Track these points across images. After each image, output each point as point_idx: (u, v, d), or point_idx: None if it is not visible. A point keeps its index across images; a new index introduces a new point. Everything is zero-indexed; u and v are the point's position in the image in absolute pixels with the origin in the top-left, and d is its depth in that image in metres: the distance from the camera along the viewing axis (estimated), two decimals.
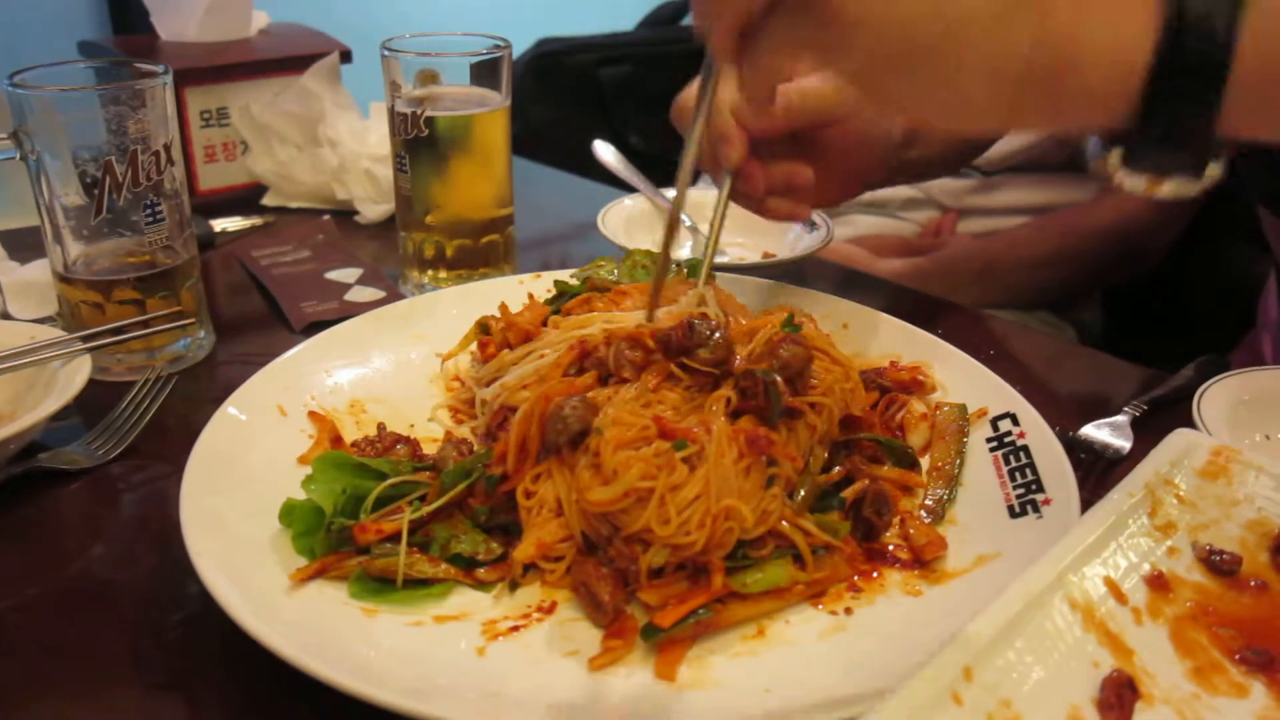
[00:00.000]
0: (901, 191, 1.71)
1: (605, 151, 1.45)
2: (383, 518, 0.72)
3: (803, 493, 0.75)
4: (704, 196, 1.38)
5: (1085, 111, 0.62)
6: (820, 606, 0.70)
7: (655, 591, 0.68)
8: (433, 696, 0.59)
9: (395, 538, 0.71)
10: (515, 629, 0.67)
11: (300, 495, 0.72)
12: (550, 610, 0.69)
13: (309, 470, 0.75)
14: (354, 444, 0.84)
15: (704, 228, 1.31)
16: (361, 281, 1.23)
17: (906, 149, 1.10)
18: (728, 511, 0.68)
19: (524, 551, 0.71)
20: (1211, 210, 1.61)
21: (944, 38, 0.60)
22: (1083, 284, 1.66)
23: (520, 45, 2.53)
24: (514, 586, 0.71)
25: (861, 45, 0.62)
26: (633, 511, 0.69)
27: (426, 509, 0.73)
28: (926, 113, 0.67)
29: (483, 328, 0.96)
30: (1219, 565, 0.65)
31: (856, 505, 0.75)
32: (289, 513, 0.72)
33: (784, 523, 0.71)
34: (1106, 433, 0.89)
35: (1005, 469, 0.79)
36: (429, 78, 1.11)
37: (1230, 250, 1.64)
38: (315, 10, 1.88)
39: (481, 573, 0.71)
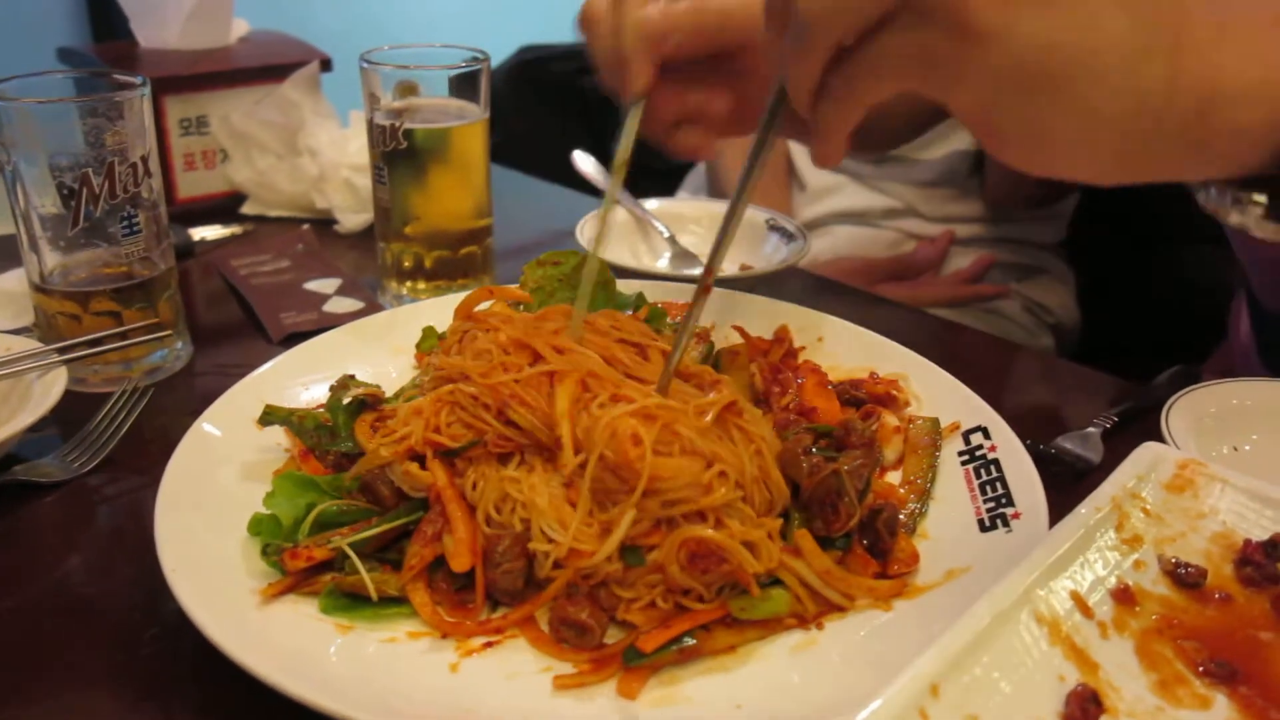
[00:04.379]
0: (880, 201, 1.72)
1: (584, 162, 1.46)
2: (323, 541, 0.71)
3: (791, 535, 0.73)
4: (682, 207, 1.39)
5: (1229, 157, 0.57)
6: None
7: (642, 612, 0.68)
8: (406, 714, 0.59)
9: (330, 564, 0.70)
10: (489, 645, 0.67)
11: None
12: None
13: None
14: (323, 457, 0.83)
15: (685, 239, 1.32)
16: (340, 292, 1.23)
17: None
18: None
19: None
20: (1189, 218, 1.63)
21: (1081, 66, 0.53)
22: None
23: (502, 53, 2.53)
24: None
25: (988, 66, 0.54)
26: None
27: (348, 539, 0.71)
28: (1045, 156, 0.58)
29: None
30: (1184, 578, 0.65)
31: (871, 519, 0.75)
32: (257, 524, 0.72)
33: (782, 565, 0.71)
34: (1076, 445, 0.90)
35: (976, 483, 0.80)
36: (408, 89, 1.12)
37: (1207, 258, 1.66)
38: (295, 19, 1.88)
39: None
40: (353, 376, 0.89)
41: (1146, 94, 0.54)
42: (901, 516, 0.79)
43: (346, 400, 0.84)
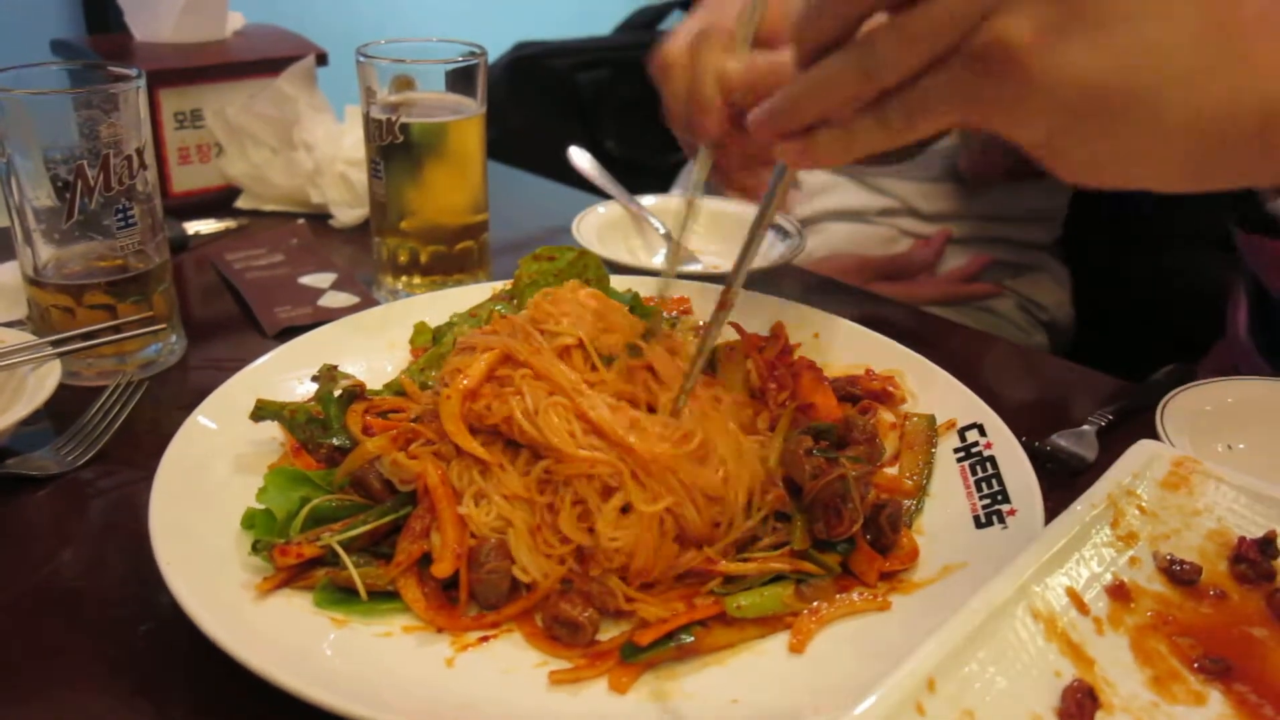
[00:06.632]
0: (876, 200, 1.72)
1: (580, 158, 1.45)
2: (314, 538, 0.71)
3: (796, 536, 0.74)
4: (678, 204, 1.39)
5: None
6: None
7: (648, 606, 0.68)
8: (401, 709, 0.59)
9: (324, 558, 0.70)
10: (484, 640, 0.67)
11: None
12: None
13: None
14: (315, 451, 0.83)
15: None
16: (335, 287, 1.23)
17: None
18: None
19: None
20: (1182, 217, 1.63)
21: (1140, 93, 0.54)
22: None
23: (498, 48, 2.53)
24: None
25: (1046, 105, 0.54)
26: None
27: (337, 536, 0.71)
28: (1109, 175, 0.58)
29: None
30: (1179, 575, 0.66)
31: (874, 513, 0.75)
32: (250, 519, 0.72)
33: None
34: (1072, 443, 0.91)
35: (972, 479, 0.80)
36: (404, 84, 1.11)
37: (1201, 256, 1.67)
38: (290, 13, 1.88)
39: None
40: (335, 367, 0.88)
41: (1209, 112, 0.54)
42: None
43: (337, 392, 0.83)
